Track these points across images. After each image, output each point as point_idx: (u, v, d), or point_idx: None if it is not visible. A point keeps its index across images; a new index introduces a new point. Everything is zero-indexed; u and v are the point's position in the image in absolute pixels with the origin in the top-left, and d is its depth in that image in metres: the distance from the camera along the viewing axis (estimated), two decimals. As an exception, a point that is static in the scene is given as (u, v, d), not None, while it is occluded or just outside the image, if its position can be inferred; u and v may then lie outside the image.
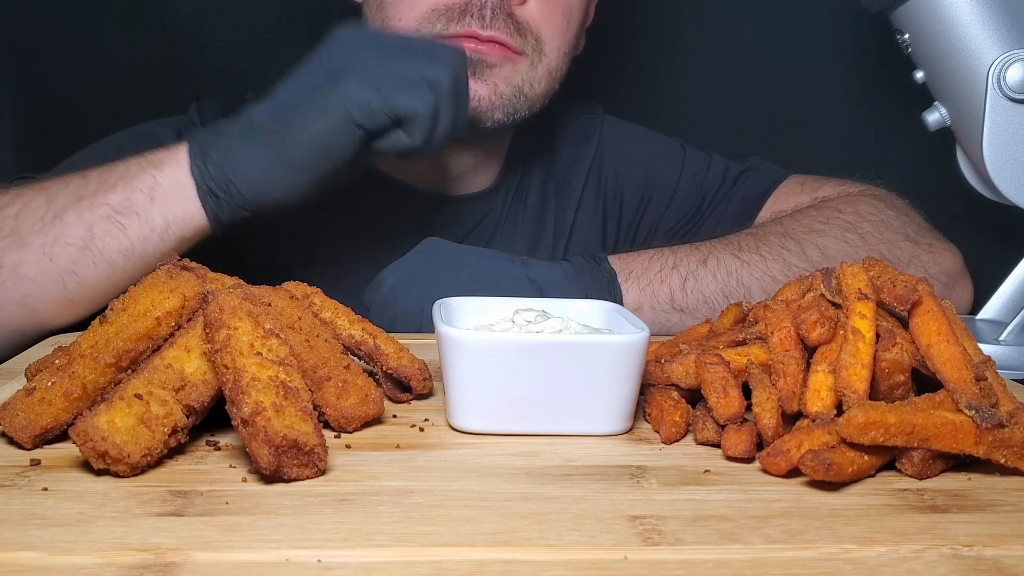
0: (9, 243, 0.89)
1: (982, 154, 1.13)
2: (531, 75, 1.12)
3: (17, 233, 0.90)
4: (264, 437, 0.55)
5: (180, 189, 0.91)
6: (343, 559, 0.47)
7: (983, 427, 0.59)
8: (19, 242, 0.89)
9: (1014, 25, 1.10)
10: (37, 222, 0.90)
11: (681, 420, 0.67)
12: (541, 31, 1.11)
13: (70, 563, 0.46)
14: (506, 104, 1.10)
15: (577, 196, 1.29)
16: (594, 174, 1.31)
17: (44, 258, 0.88)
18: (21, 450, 0.61)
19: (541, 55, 1.12)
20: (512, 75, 1.10)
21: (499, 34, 1.07)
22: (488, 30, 1.07)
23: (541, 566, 0.47)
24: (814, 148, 1.48)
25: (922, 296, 0.65)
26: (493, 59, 1.08)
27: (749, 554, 0.49)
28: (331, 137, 0.90)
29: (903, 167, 1.32)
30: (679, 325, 1.01)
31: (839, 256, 1.05)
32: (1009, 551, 0.50)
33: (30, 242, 0.89)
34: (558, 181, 1.29)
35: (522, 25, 1.09)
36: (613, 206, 1.31)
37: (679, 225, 1.29)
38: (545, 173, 1.30)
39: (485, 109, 1.09)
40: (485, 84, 1.08)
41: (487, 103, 1.09)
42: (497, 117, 1.11)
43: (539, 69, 1.12)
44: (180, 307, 0.63)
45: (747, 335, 0.70)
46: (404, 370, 0.74)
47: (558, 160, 1.31)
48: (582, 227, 1.28)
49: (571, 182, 1.29)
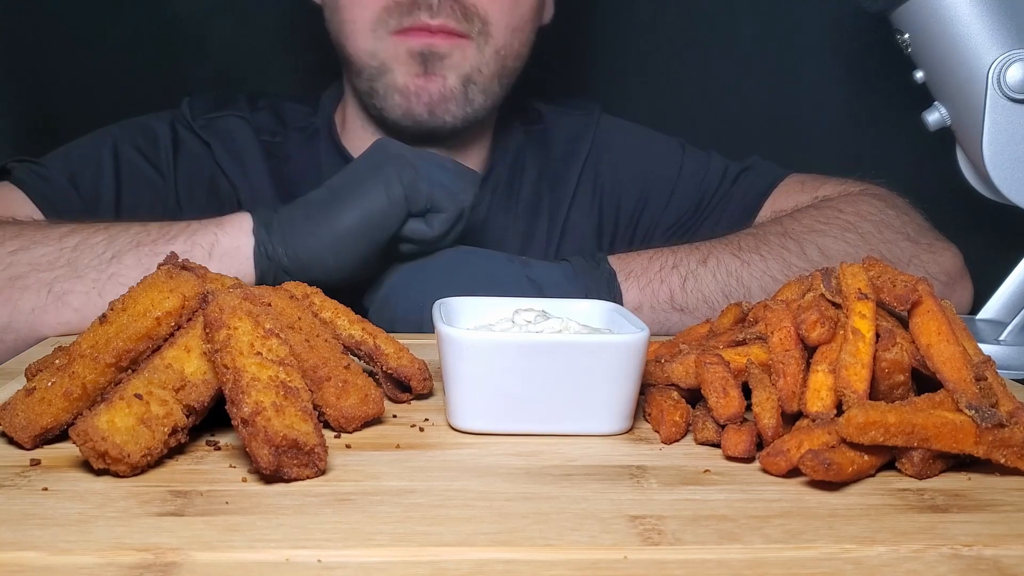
0: (65, 272, 0.92)
1: (982, 154, 1.13)
2: (479, 58, 1.15)
3: (73, 264, 0.92)
4: (264, 437, 0.55)
5: (238, 250, 0.94)
6: (343, 559, 0.47)
7: (983, 427, 0.59)
8: (74, 273, 0.92)
9: (1014, 25, 1.10)
10: (95, 258, 0.92)
11: (681, 420, 0.67)
12: (489, 12, 1.15)
13: (70, 563, 0.46)
14: (457, 96, 1.15)
15: (571, 193, 1.29)
16: (590, 172, 1.31)
17: (93, 292, 0.90)
18: (21, 450, 0.61)
19: (488, 36, 1.15)
20: (461, 62, 1.14)
21: (447, 21, 1.12)
22: (437, 18, 1.12)
23: (541, 566, 0.47)
24: (814, 148, 1.48)
25: (922, 296, 0.65)
26: (443, 49, 1.13)
27: (749, 554, 0.49)
28: (384, 210, 0.96)
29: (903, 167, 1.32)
30: (679, 325, 1.01)
31: (839, 256, 1.05)
32: (1009, 551, 0.50)
33: (84, 275, 0.91)
34: (552, 178, 1.30)
35: (468, 9, 1.14)
36: (610, 205, 1.30)
37: (678, 224, 1.29)
38: (538, 170, 1.30)
39: (438, 102, 1.14)
40: (434, 80, 1.14)
41: (438, 97, 1.14)
42: (452, 109, 1.15)
43: (486, 51, 1.16)
44: (180, 307, 0.63)
45: (747, 335, 0.70)
46: (404, 370, 0.74)
47: (552, 157, 1.31)
48: (577, 224, 1.28)
49: (565, 179, 1.29)
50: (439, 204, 0.98)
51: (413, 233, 0.99)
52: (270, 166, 1.22)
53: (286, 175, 1.23)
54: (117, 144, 1.17)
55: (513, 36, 1.18)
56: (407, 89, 1.14)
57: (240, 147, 1.22)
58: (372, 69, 1.15)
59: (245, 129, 1.23)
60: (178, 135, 1.21)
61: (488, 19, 1.15)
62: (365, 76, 1.16)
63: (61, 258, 0.92)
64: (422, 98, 1.14)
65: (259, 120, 1.24)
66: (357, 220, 0.95)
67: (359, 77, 1.17)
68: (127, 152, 1.17)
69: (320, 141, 1.26)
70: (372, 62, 1.15)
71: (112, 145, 1.17)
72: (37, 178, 1.10)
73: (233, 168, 1.21)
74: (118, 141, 1.18)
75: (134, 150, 1.18)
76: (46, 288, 0.91)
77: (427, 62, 1.13)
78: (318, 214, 0.95)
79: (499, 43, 1.16)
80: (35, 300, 0.90)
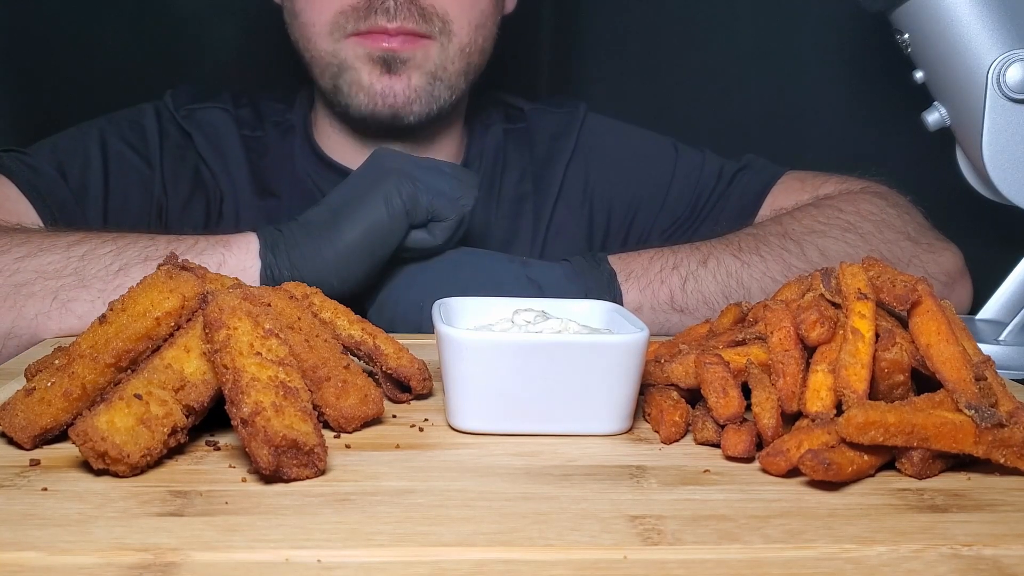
0: (71, 281, 0.92)
1: (982, 154, 1.13)
2: (443, 57, 1.15)
3: (80, 274, 0.92)
4: (264, 437, 0.55)
5: (245, 270, 0.95)
6: (343, 559, 0.47)
7: (983, 427, 0.59)
8: (80, 283, 0.92)
9: (1014, 25, 1.10)
10: (102, 269, 0.92)
11: (681, 420, 0.67)
12: (448, 11, 1.14)
13: (70, 563, 0.46)
14: (422, 95, 1.15)
15: (555, 193, 1.28)
16: (578, 171, 1.30)
17: (99, 301, 0.90)
18: (21, 450, 0.61)
19: (450, 35, 1.15)
20: (424, 62, 1.14)
21: (406, 24, 1.12)
22: (394, 22, 1.11)
23: (541, 566, 0.47)
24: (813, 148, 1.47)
25: (921, 296, 0.65)
26: (405, 53, 1.13)
27: (749, 554, 0.49)
28: (385, 226, 0.96)
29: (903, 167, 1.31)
30: (679, 325, 1.00)
31: (839, 257, 1.05)
32: (1009, 551, 0.50)
33: (91, 285, 0.92)
34: (535, 177, 1.29)
35: (427, 10, 1.13)
36: (601, 206, 1.30)
37: (674, 226, 1.28)
38: (521, 169, 1.30)
39: (402, 104, 1.14)
40: (399, 79, 1.13)
41: (403, 98, 1.14)
42: (416, 110, 1.15)
43: (450, 50, 1.15)
44: (180, 307, 0.63)
45: (747, 335, 0.70)
46: (404, 370, 0.74)
47: (535, 155, 1.31)
48: (565, 225, 1.28)
49: (549, 178, 1.29)
50: (440, 213, 0.98)
51: (416, 243, 0.99)
52: (249, 159, 1.23)
53: (263, 169, 1.23)
54: (104, 135, 1.18)
55: (477, 33, 1.18)
56: (372, 88, 1.14)
57: (221, 139, 1.23)
58: (334, 68, 1.15)
59: (227, 122, 1.24)
60: (163, 126, 1.22)
61: (448, 18, 1.14)
62: (328, 75, 1.16)
63: (68, 267, 0.92)
64: (387, 99, 1.14)
65: (241, 115, 1.25)
66: (359, 238, 0.95)
67: (322, 77, 1.17)
68: (115, 143, 1.18)
69: (295, 137, 1.27)
70: (333, 61, 1.15)
71: (99, 136, 1.17)
72: (26, 168, 1.11)
73: (214, 159, 1.21)
74: (105, 132, 1.18)
75: (121, 141, 1.18)
76: (51, 295, 0.91)
77: (389, 64, 1.13)
78: (320, 235, 0.95)
79: (463, 41, 1.16)
80: (40, 307, 0.91)
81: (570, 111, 1.33)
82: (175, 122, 1.22)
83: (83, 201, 1.13)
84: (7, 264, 0.92)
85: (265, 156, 1.25)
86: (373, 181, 0.98)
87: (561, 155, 1.30)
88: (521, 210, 1.27)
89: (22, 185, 1.09)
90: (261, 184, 1.22)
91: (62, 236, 0.96)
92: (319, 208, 0.99)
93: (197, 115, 1.23)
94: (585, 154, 1.31)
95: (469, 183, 1.02)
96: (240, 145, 1.23)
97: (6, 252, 0.93)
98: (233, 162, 1.22)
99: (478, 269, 1.00)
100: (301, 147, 1.26)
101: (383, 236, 0.96)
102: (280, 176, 1.23)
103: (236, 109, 1.26)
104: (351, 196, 0.98)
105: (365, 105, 1.15)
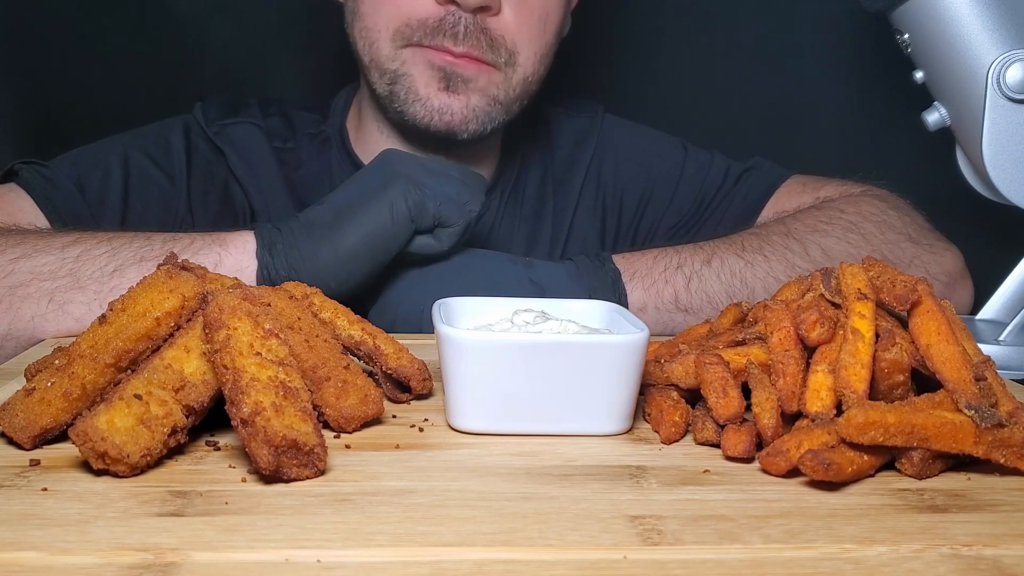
0: (66, 282, 0.91)
1: (982, 154, 1.13)
2: (506, 85, 1.14)
3: (75, 275, 0.92)
4: (264, 437, 0.55)
5: (241, 271, 0.94)
6: (343, 559, 0.47)
7: (983, 427, 0.59)
8: (76, 284, 0.91)
9: (1014, 25, 1.10)
10: (97, 270, 0.92)
11: (681, 420, 0.67)
12: (516, 41, 1.13)
13: (70, 563, 0.46)
14: (480, 116, 1.13)
15: (576, 195, 1.29)
16: (593, 173, 1.31)
17: (95, 303, 0.90)
18: (21, 450, 0.61)
19: (515, 67, 1.14)
20: (487, 87, 1.13)
21: (472, 50, 1.10)
22: (461, 46, 1.09)
23: (541, 566, 0.47)
24: (814, 148, 1.48)
25: (921, 296, 0.65)
26: (469, 73, 1.11)
27: (749, 554, 0.49)
28: (388, 231, 0.95)
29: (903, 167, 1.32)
30: (683, 325, 1.00)
31: (842, 256, 1.05)
32: (1009, 551, 0.50)
33: (86, 286, 0.91)
34: (556, 181, 1.30)
35: (495, 40, 1.11)
36: (612, 205, 1.30)
37: (680, 224, 1.29)
38: (543, 172, 1.30)
39: (459, 123, 1.12)
40: (459, 98, 1.12)
41: (460, 117, 1.12)
42: (472, 129, 1.14)
43: (513, 79, 1.14)
44: (180, 307, 0.63)
45: (747, 335, 0.70)
46: (404, 370, 0.74)
47: (556, 159, 1.31)
48: (581, 226, 1.28)
49: (570, 182, 1.29)
50: (447, 219, 0.97)
51: (422, 248, 0.98)
52: (283, 173, 1.21)
53: (297, 181, 1.22)
54: (127, 150, 1.16)
55: (540, 63, 1.16)
56: (430, 103, 1.12)
57: (253, 154, 1.21)
58: (392, 73, 1.13)
59: (258, 136, 1.22)
60: (191, 142, 1.20)
61: (516, 49, 1.13)
62: (385, 80, 1.14)
63: (63, 268, 0.92)
64: (444, 115, 1.12)
65: (271, 126, 1.24)
66: (360, 242, 0.94)
67: (379, 81, 1.15)
68: (137, 158, 1.16)
69: (331, 149, 1.25)
70: (391, 66, 1.13)
71: (122, 151, 1.16)
72: (43, 180, 1.10)
73: (247, 176, 1.20)
74: (129, 147, 1.17)
75: (145, 156, 1.17)
76: (47, 297, 0.90)
77: (449, 79, 1.11)
78: (320, 236, 0.95)
79: (527, 72, 1.15)
80: (35, 308, 0.90)
81: (591, 116, 1.34)
82: (206, 137, 1.21)
83: (100, 215, 1.11)
84: (2, 265, 0.91)
85: (299, 168, 1.23)
86: (380, 184, 0.97)
87: (582, 160, 1.30)
88: (542, 213, 1.28)
89: (37, 198, 1.08)
90: (297, 197, 1.20)
91: (57, 236, 0.96)
92: (322, 207, 0.98)
93: (229, 131, 1.22)
94: (601, 156, 1.32)
95: (477, 188, 1.01)
96: (273, 159, 1.21)
97: (0, 253, 0.92)
98: (266, 178, 1.21)
99: (480, 271, 1.00)
100: (339, 160, 1.24)
101: (385, 241, 0.95)
102: (318, 190, 1.20)
103: (265, 119, 1.24)
104: (356, 198, 0.97)
105: (420, 117, 1.12)
